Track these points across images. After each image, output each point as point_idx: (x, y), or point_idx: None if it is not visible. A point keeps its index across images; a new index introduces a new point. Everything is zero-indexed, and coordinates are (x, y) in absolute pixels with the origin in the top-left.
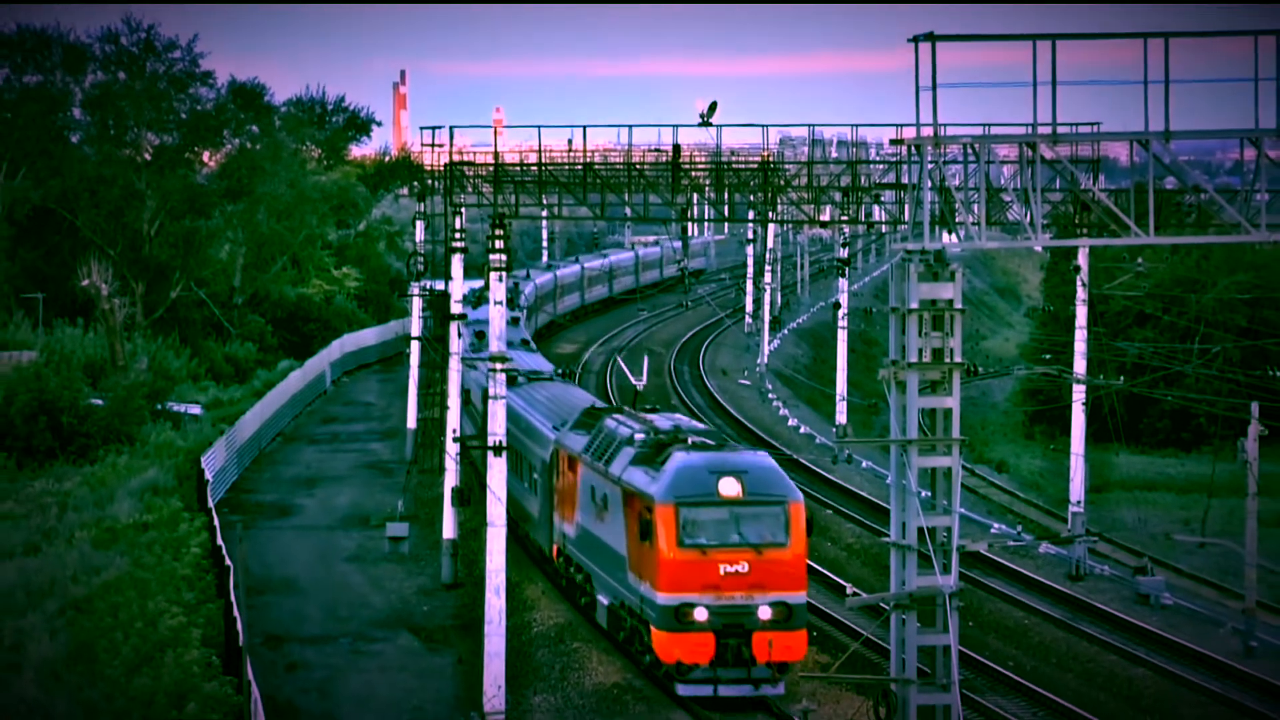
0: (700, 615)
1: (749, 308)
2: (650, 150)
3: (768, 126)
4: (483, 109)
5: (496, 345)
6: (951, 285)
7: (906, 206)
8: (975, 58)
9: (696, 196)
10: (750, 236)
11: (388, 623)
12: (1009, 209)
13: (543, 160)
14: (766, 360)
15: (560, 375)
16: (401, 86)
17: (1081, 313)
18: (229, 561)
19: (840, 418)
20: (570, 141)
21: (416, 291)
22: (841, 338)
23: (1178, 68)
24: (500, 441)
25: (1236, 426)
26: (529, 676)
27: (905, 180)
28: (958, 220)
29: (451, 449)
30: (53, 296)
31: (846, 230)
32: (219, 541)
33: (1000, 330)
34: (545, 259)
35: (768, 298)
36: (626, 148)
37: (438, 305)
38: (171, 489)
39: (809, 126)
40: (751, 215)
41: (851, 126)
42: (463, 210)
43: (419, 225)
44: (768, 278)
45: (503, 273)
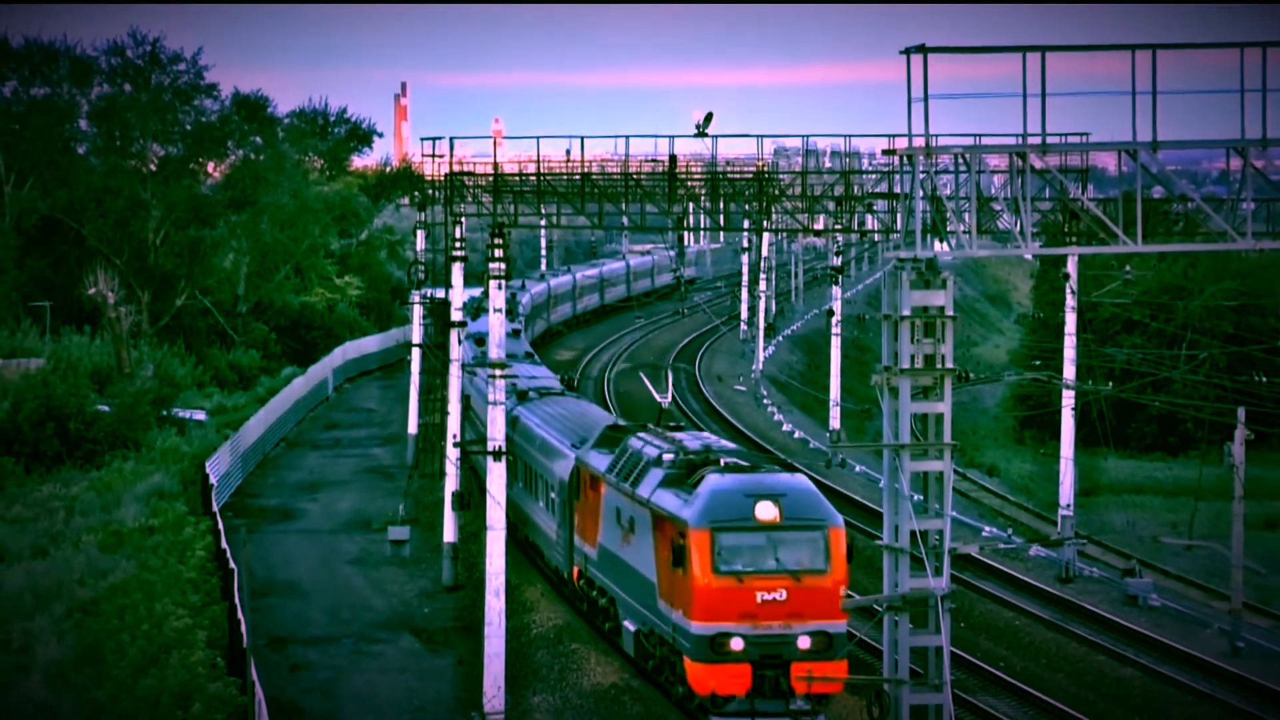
0: (736, 645)
1: (744, 315)
2: (647, 160)
3: (762, 137)
4: (482, 120)
5: (496, 353)
6: (943, 293)
7: (899, 215)
8: (966, 70)
9: (692, 206)
10: (745, 245)
11: (389, 624)
12: (999, 218)
13: (541, 170)
14: (761, 366)
15: (570, 389)
16: (402, 98)
17: (1071, 319)
18: (233, 565)
19: (834, 423)
20: (568, 152)
21: (417, 300)
22: (835, 344)
23: (1165, 79)
24: (499, 447)
25: (1223, 431)
26: (528, 677)
27: (898, 190)
28: (949, 229)
29: (452, 454)
30: (60, 305)
31: (840, 239)
32: (223, 545)
33: (991, 337)
34: (544, 267)
35: (763, 305)
36: (624, 158)
37: (438, 313)
38: (177, 494)
39: (803, 137)
40: (746, 224)
41: (845, 137)
42: (463, 220)
43: (420, 234)
44: (763, 285)
45: (502, 281)
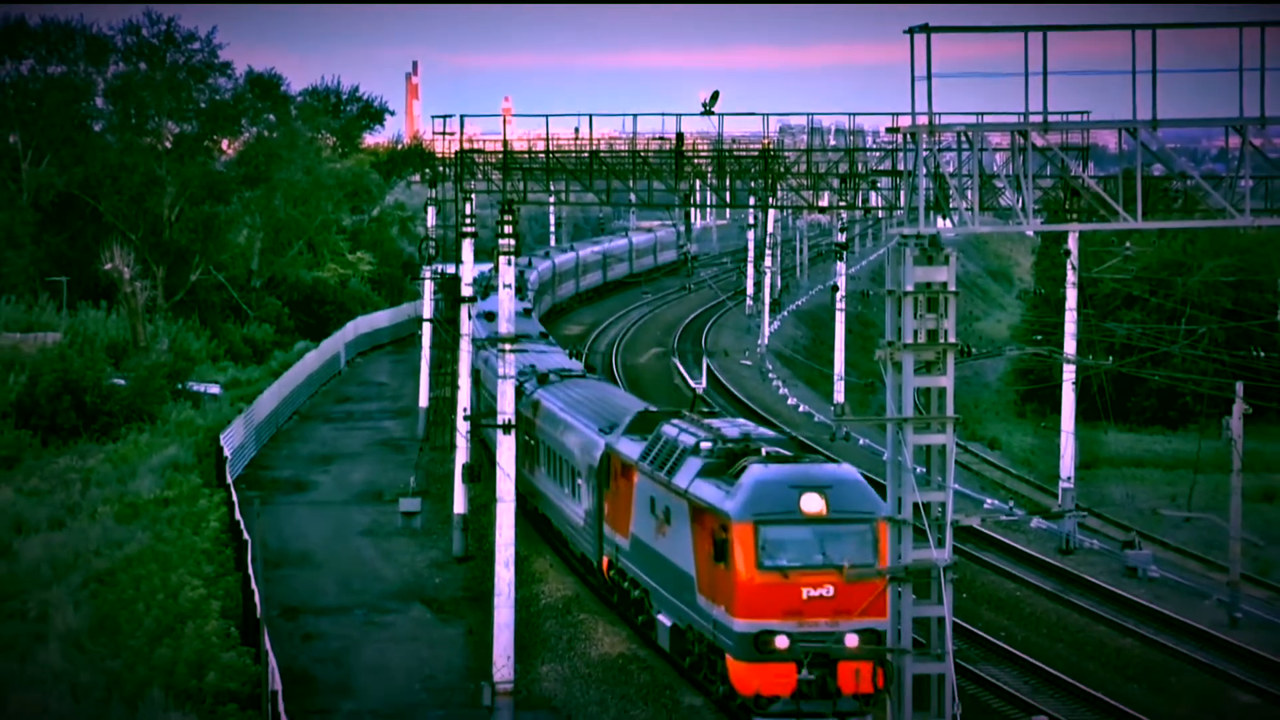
0: (781, 644)
1: (750, 290)
2: (654, 138)
3: (768, 115)
4: (492, 98)
5: (507, 328)
6: (946, 269)
7: (902, 193)
8: (969, 49)
9: (699, 183)
10: (751, 222)
11: (400, 595)
12: (1001, 195)
13: (550, 148)
14: (767, 341)
15: (590, 371)
16: (414, 77)
17: (1071, 295)
18: (247, 536)
19: (838, 397)
20: (577, 130)
21: (428, 275)
22: (839, 319)
23: (1165, 58)
24: (509, 420)
25: (1221, 405)
26: (537, 647)
27: (901, 167)
28: (952, 206)
29: (462, 427)
30: (76, 280)
31: (844, 215)
32: (237, 516)
33: (993, 312)
34: (553, 243)
35: (768, 281)
36: (631, 136)
37: (449, 288)
38: (191, 466)
39: (808, 115)
40: (752, 201)
41: (849, 115)
42: (473, 196)
43: (430, 211)
44: (768, 261)
45: (511, 256)
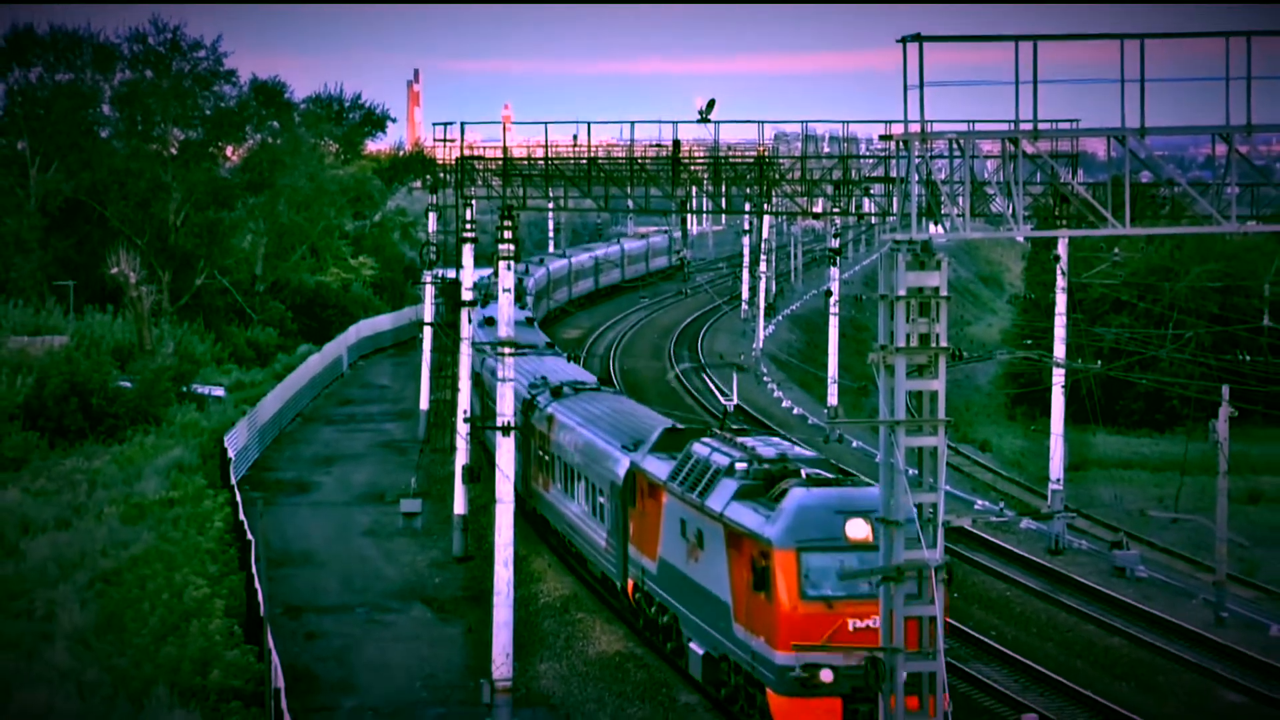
0: (826, 677)
1: (745, 295)
2: (651, 145)
3: (763, 123)
4: (492, 106)
5: (506, 331)
6: (938, 274)
7: (895, 199)
8: (961, 57)
9: (695, 189)
10: (746, 227)
11: (401, 594)
12: (992, 201)
13: (549, 155)
14: (762, 345)
15: (605, 384)
16: (415, 84)
17: (1061, 300)
18: (250, 536)
19: (832, 399)
20: (575, 137)
21: (429, 279)
22: (833, 323)
23: (1153, 67)
24: (508, 422)
25: (1208, 408)
26: (535, 645)
27: (894, 174)
28: (943, 212)
29: (462, 429)
30: (83, 284)
31: (838, 221)
32: (241, 517)
33: (984, 317)
34: (551, 248)
35: (763, 285)
36: (629, 143)
37: (449, 293)
38: (196, 467)
39: (802, 123)
40: (748, 207)
41: (843, 123)
42: (473, 202)
43: (431, 216)
44: (763, 267)
45: (511, 261)
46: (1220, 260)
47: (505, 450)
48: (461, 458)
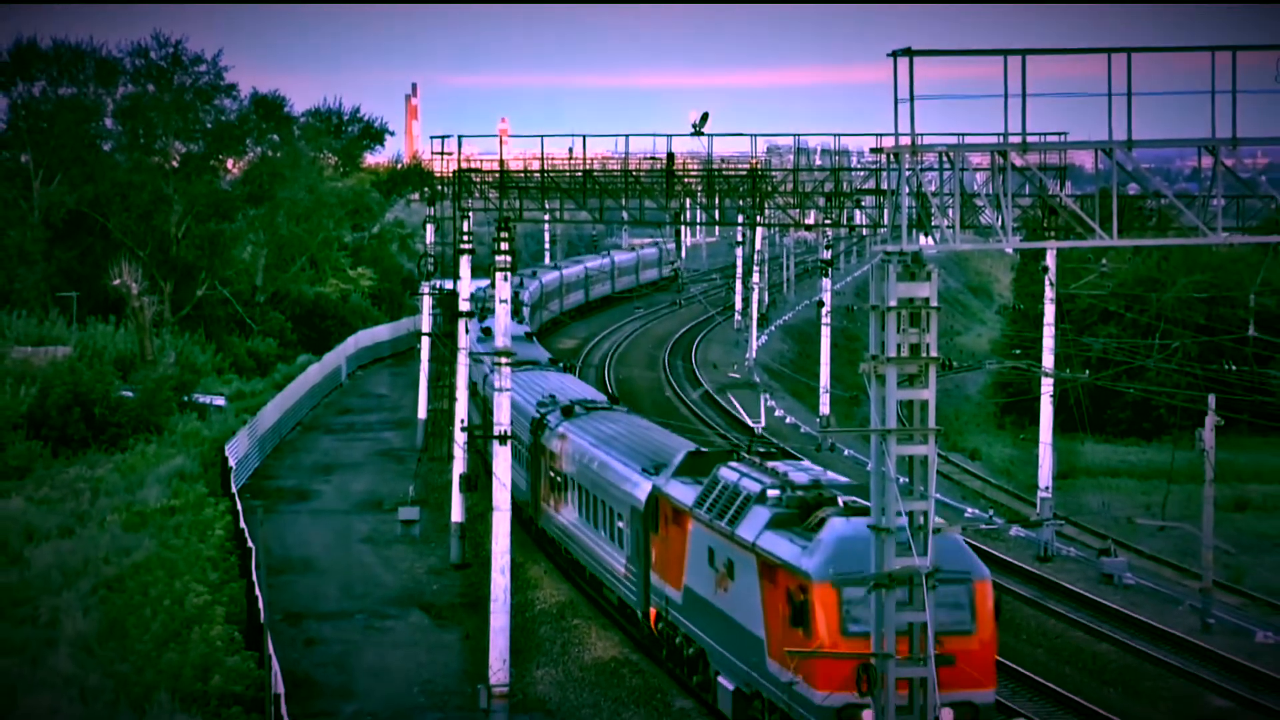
0: (868, 719)
1: (738, 305)
2: (646, 158)
3: (756, 136)
4: (489, 119)
5: (502, 341)
6: (928, 285)
7: (886, 211)
8: (950, 71)
9: (689, 201)
10: (739, 239)
11: (400, 601)
12: (982, 213)
13: (545, 167)
14: (755, 355)
15: (616, 403)
16: (413, 98)
17: (1049, 310)
18: (251, 543)
19: (824, 409)
20: (571, 150)
21: (427, 290)
22: (825, 334)
23: (1140, 81)
24: (505, 431)
25: (1194, 417)
26: (532, 651)
27: (885, 186)
28: (934, 224)
29: (460, 438)
30: (86, 295)
31: (830, 233)
32: (242, 525)
33: (973, 327)
34: (548, 259)
35: (756, 296)
36: (624, 155)
37: (447, 303)
38: (197, 475)
39: (794, 136)
40: (741, 219)
41: (834, 136)
42: (470, 214)
43: (429, 228)
44: (756, 278)
45: (508, 273)
46: (1206, 271)
47: (502, 459)
48: (459, 466)
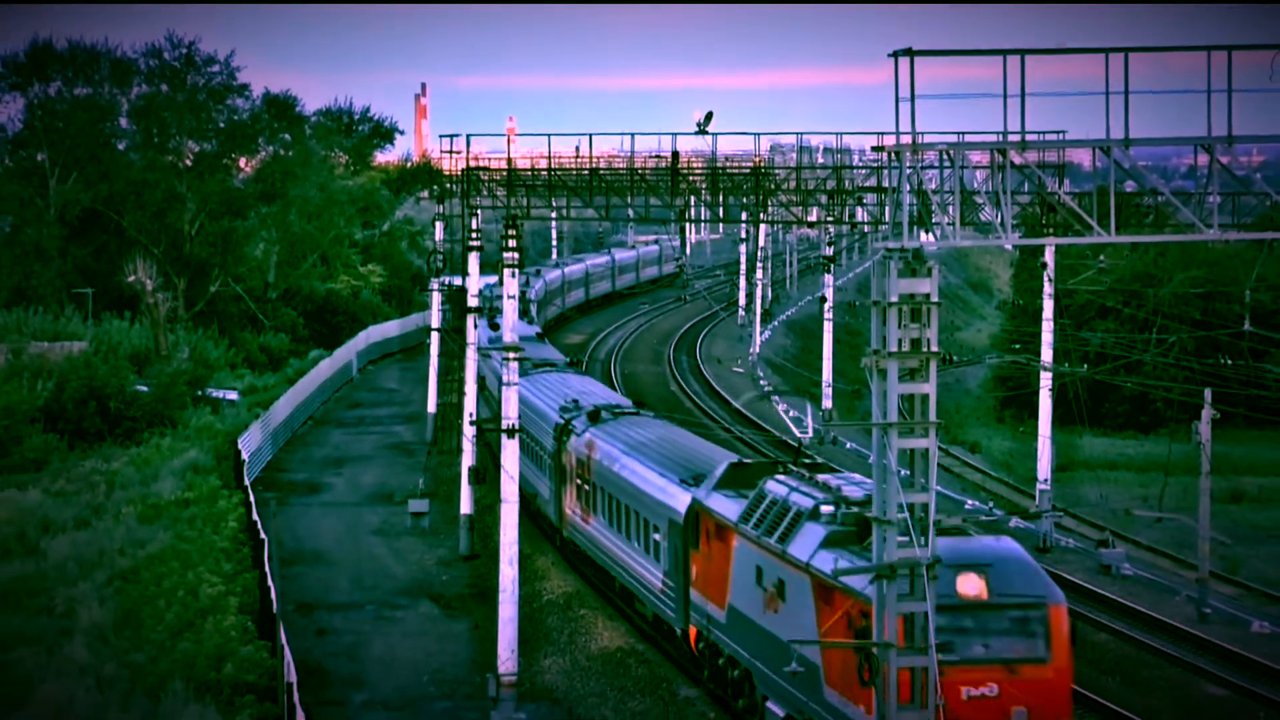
0: None
1: (742, 301)
2: (651, 156)
3: (759, 134)
4: (497, 118)
5: (509, 336)
6: (929, 280)
7: (887, 208)
8: (951, 71)
9: (694, 199)
10: (743, 236)
11: (410, 591)
12: (981, 210)
13: (552, 166)
14: (758, 350)
15: (642, 407)
16: (422, 98)
17: (1048, 306)
18: (264, 535)
19: (826, 403)
20: (578, 148)
21: (436, 287)
22: (827, 329)
23: (1137, 80)
24: (513, 425)
25: (1191, 411)
26: (540, 641)
27: (886, 184)
28: (934, 221)
29: (469, 431)
30: (101, 291)
31: (832, 230)
32: (254, 517)
33: (973, 322)
34: (554, 256)
35: (759, 292)
36: (629, 154)
37: (456, 299)
38: (211, 468)
39: (797, 134)
40: (744, 216)
41: (837, 134)
42: (479, 212)
43: (438, 226)
44: (759, 274)
45: (515, 269)
46: (1202, 267)
47: (510, 452)
48: (468, 459)
